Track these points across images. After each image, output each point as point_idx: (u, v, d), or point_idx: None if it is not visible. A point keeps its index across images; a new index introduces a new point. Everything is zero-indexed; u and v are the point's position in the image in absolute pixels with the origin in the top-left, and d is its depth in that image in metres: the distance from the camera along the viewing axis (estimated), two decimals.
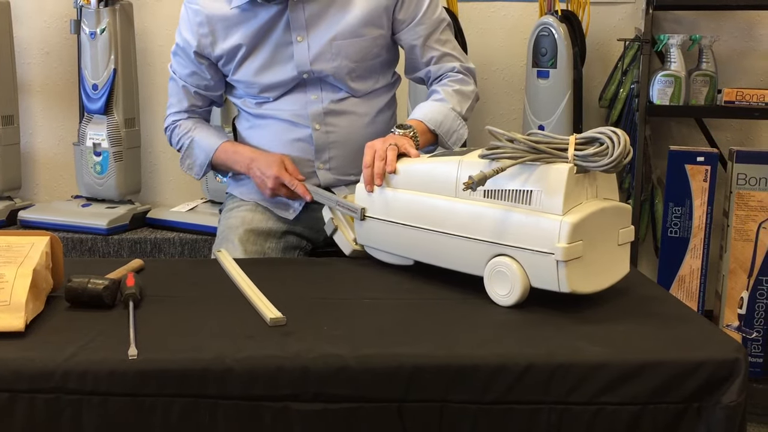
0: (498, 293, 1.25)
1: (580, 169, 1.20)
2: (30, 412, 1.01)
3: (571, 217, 1.18)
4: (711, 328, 1.21)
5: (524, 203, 1.22)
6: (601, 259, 1.24)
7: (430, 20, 1.75)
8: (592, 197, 1.24)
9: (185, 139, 1.80)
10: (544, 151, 1.20)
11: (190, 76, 1.78)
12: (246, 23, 1.68)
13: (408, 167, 1.41)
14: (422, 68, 1.79)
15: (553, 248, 1.18)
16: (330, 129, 1.74)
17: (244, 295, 1.27)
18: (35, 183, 2.94)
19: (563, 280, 1.19)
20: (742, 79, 2.79)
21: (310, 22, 1.68)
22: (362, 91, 1.76)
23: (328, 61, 1.70)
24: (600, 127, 1.21)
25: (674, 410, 1.05)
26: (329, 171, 1.76)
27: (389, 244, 1.43)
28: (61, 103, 2.88)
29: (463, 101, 1.74)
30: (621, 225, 1.28)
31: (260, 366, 1.04)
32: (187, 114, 1.82)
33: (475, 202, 1.28)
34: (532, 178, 1.21)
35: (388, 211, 1.41)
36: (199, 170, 1.81)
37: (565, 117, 2.53)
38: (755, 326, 2.42)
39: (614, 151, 1.16)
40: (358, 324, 1.18)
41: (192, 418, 1.02)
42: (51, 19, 2.83)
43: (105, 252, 2.52)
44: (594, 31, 2.72)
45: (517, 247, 1.23)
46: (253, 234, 1.74)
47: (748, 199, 2.38)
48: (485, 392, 1.03)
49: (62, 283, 1.27)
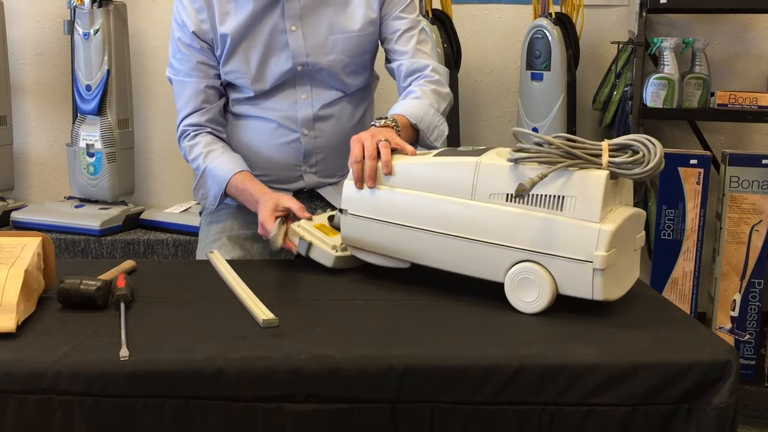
0: (523, 300, 1.21)
1: (612, 176, 1.18)
2: (21, 413, 1.01)
3: (609, 225, 1.15)
4: (702, 330, 1.21)
5: (556, 209, 1.18)
6: (623, 266, 1.23)
7: (410, 17, 1.76)
8: (618, 204, 1.22)
9: (200, 163, 1.71)
10: (579, 157, 1.18)
11: (194, 69, 1.71)
12: (241, 9, 1.67)
13: (410, 166, 1.33)
14: (397, 60, 1.77)
15: (591, 256, 1.15)
16: (318, 134, 1.74)
17: (237, 296, 1.27)
18: (28, 184, 2.93)
19: (598, 288, 1.16)
20: (735, 82, 2.80)
21: (305, 13, 1.69)
22: (354, 87, 1.76)
23: (324, 55, 1.70)
24: (632, 134, 1.19)
25: (665, 411, 1.05)
26: (315, 174, 1.76)
27: (383, 246, 1.36)
28: (55, 104, 2.87)
29: (440, 101, 1.74)
30: (638, 231, 1.27)
31: (252, 367, 1.03)
32: (199, 115, 1.72)
33: (498, 206, 1.22)
34: (566, 184, 1.17)
35: (386, 210, 1.33)
36: (213, 201, 1.72)
37: (559, 119, 2.54)
38: (747, 329, 2.43)
39: (651, 160, 1.15)
40: (350, 325, 1.18)
41: (184, 419, 1.02)
42: (44, 20, 2.82)
43: (98, 253, 2.52)
44: (588, 34, 2.73)
45: (546, 253, 1.19)
46: (235, 241, 1.71)
47: (741, 202, 2.39)
48: (477, 393, 1.04)
49: (54, 284, 1.26)
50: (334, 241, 1.45)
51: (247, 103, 1.75)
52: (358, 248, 1.40)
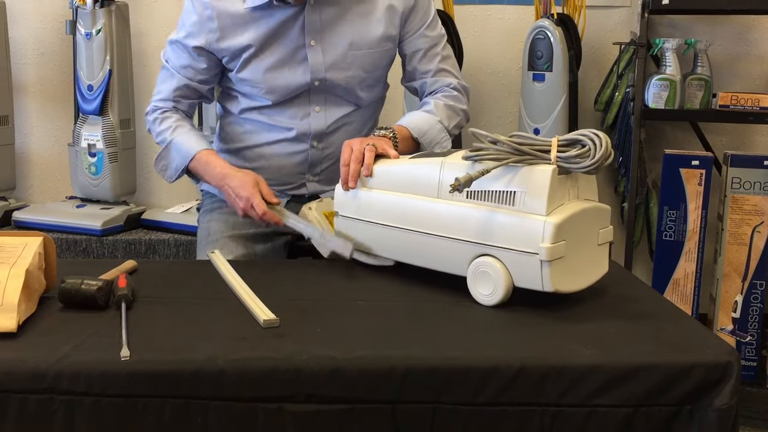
0: (481, 293, 1.26)
1: (562, 171, 1.22)
2: (22, 412, 1.01)
3: (555, 218, 1.19)
4: (704, 331, 1.21)
5: (508, 204, 1.23)
6: (582, 259, 1.26)
7: (432, 34, 1.76)
8: (573, 198, 1.26)
9: (166, 135, 1.74)
10: (527, 153, 1.22)
11: (184, 68, 1.73)
12: (259, 22, 1.66)
13: (388, 168, 1.41)
14: (418, 79, 1.79)
15: (537, 248, 1.19)
16: (327, 146, 1.74)
17: (238, 296, 1.27)
18: (29, 183, 2.93)
19: (547, 280, 1.20)
20: (737, 84, 2.80)
21: (325, 27, 1.67)
22: (368, 100, 1.76)
23: (342, 70, 1.69)
24: (581, 129, 1.23)
25: (666, 413, 1.05)
26: (318, 182, 1.77)
27: (369, 245, 1.44)
28: (56, 104, 2.88)
29: (452, 117, 1.75)
30: (601, 225, 1.30)
31: (253, 367, 1.03)
32: (173, 103, 1.75)
33: (458, 203, 1.29)
34: (515, 179, 1.23)
35: (368, 211, 1.42)
36: (172, 173, 1.75)
37: (561, 120, 2.54)
38: (749, 330, 2.42)
39: (596, 153, 1.18)
40: (351, 326, 1.18)
41: (184, 419, 1.02)
42: (46, 20, 2.83)
43: (99, 253, 2.52)
44: (590, 35, 2.73)
45: (500, 247, 1.24)
46: (237, 240, 1.71)
47: (743, 203, 2.39)
48: (478, 394, 1.03)
49: (55, 284, 1.26)
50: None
51: (259, 112, 1.75)
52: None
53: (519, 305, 1.25)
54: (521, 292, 1.24)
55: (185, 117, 1.78)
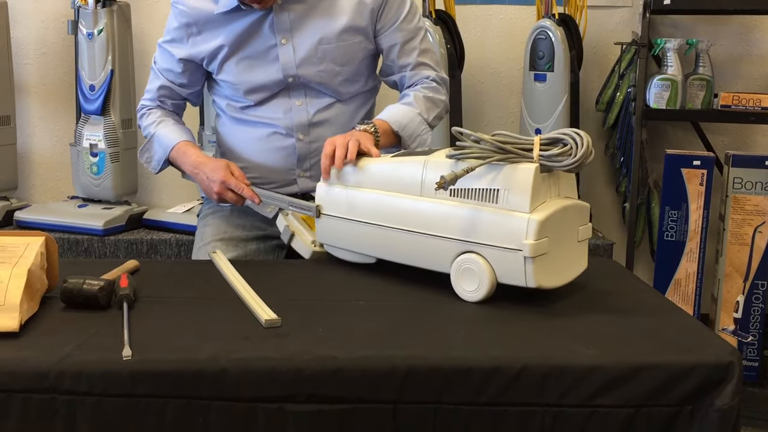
0: (465, 289, 1.28)
1: (544, 169, 1.24)
2: (24, 412, 1.01)
3: (538, 215, 1.21)
4: (705, 332, 1.21)
5: (491, 202, 1.25)
6: (563, 256, 1.28)
7: (408, 27, 1.76)
8: (555, 196, 1.28)
9: (150, 129, 1.80)
10: (510, 151, 1.23)
11: (166, 70, 1.79)
12: (230, 24, 1.69)
13: (372, 166, 1.42)
14: (397, 73, 1.79)
15: (521, 245, 1.21)
16: (314, 139, 1.74)
17: (239, 296, 1.27)
18: (31, 183, 2.94)
19: (530, 276, 1.21)
20: (739, 84, 2.80)
21: (295, 25, 1.69)
22: (348, 94, 1.76)
23: (313, 65, 1.70)
24: (563, 128, 1.24)
25: (668, 413, 1.05)
26: (309, 178, 1.77)
27: (351, 243, 1.45)
28: (58, 104, 2.88)
29: (431, 109, 1.75)
30: (580, 222, 1.32)
31: (255, 367, 1.03)
32: (158, 102, 1.83)
33: (442, 200, 1.30)
34: (498, 177, 1.24)
35: (351, 209, 1.43)
36: (156, 165, 1.80)
37: (562, 120, 2.54)
38: (751, 330, 2.42)
39: (578, 152, 1.20)
40: (352, 326, 1.18)
41: (186, 419, 1.02)
42: (48, 20, 2.83)
43: (101, 253, 2.52)
44: (591, 35, 2.73)
45: (484, 244, 1.25)
46: (228, 243, 1.74)
47: (744, 203, 2.39)
48: (479, 394, 1.04)
49: (57, 284, 1.26)
50: (314, 235, 1.54)
51: (242, 110, 1.77)
52: (330, 245, 1.50)
53: (519, 305, 1.25)
54: (521, 292, 1.25)
55: (171, 113, 1.85)
